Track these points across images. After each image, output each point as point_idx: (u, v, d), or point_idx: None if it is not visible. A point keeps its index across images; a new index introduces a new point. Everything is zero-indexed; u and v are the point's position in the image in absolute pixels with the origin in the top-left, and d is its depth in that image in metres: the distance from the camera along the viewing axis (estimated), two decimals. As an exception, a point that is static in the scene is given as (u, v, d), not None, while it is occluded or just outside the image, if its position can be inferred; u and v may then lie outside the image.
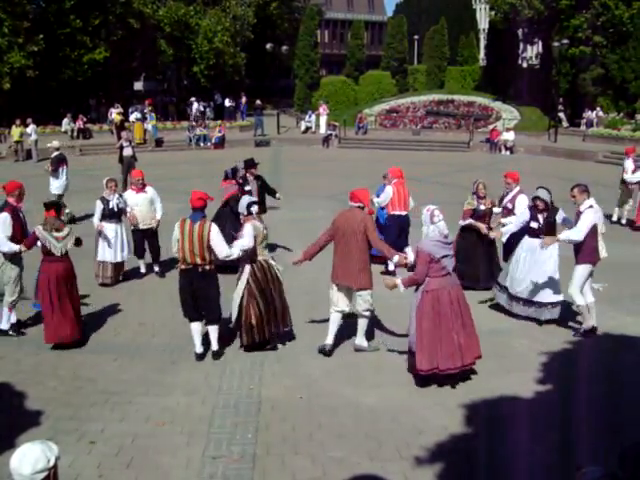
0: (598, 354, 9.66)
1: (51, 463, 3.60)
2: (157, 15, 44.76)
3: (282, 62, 53.70)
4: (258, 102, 40.65)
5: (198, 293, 9.06)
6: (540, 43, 50.91)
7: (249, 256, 9.11)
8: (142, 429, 7.35)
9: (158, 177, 14.62)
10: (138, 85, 57.72)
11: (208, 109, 44.99)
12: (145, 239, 13.04)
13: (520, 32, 48.47)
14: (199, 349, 9.27)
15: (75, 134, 36.95)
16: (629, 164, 18.43)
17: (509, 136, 36.33)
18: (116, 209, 12.46)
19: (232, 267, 10.13)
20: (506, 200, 12.12)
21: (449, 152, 35.52)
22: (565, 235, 9.90)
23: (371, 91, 51.02)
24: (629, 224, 18.00)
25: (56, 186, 17.85)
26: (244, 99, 45.84)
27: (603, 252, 10.13)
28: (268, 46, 43.99)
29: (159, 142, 36.18)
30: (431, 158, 32.42)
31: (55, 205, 9.87)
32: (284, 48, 43.82)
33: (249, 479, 6.47)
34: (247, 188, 13.61)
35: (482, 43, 70.57)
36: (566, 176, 26.86)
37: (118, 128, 32.67)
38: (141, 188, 13.05)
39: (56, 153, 18.28)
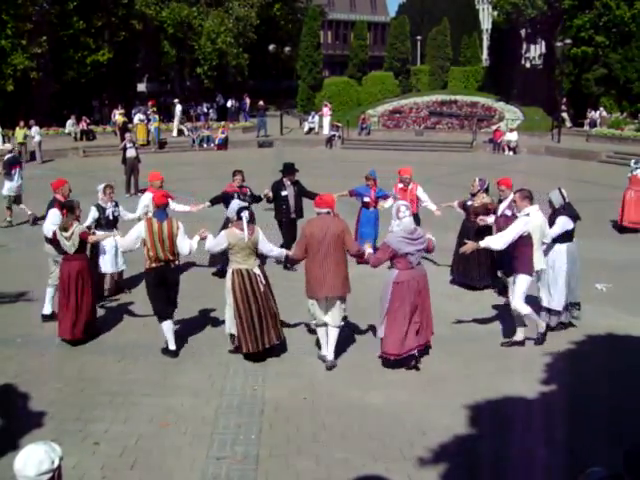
0: (602, 354, 9.65)
1: (55, 464, 3.60)
2: (160, 16, 44.81)
3: (285, 63, 53.79)
4: (261, 103, 40.66)
5: (171, 287, 9.36)
6: (543, 43, 50.91)
7: (230, 262, 9.11)
8: (146, 430, 7.36)
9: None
10: (141, 86, 57.78)
11: (211, 110, 45.05)
12: None
13: (523, 32, 48.46)
14: (173, 346, 9.39)
15: (78, 136, 37.00)
16: None
17: (512, 136, 36.33)
18: (111, 217, 11.95)
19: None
20: (503, 207, 11.80)
21: (452, 152, 35.52)
22: (486, 242, 9.53)
23: (374, 92, 51.07)
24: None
25: (7, 187, 18.21)
26: (247, 100, 45.86)
27: (539, 264, 9.78)
28: (271, 47, 44.05)
29: (162, 143, 36.21)
30: (434, 158, 32.41)
31: (66, 205, 10.24)
32: (287, 49, 43.95)
33: (253, 480, 6.48)
34: (283, 193, 13.70)
35: (485, 43, 70.59)
36: (570, 176, 26.84)
37: (121, 129, 32.70)
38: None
39: (9, 156, 18.84)
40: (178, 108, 39.17)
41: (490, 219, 11.30)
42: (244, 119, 44.95)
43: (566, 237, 10.30)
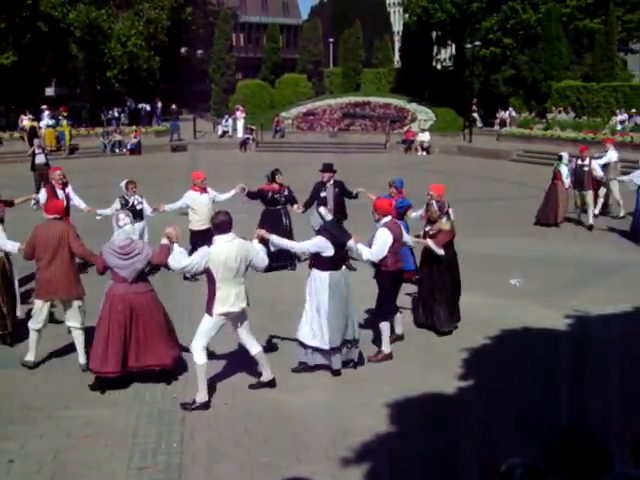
0: (517, 347, 9.89)
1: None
2: (67, 19, 43.69)
3: (197, 66, 53.31)
4: (174, 107, 40.18)
5: None
6: (453, 45, 51.87)
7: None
8: (64, 444, 7.15)
9: (74, 186, 14.25)
10: (50, 91, 56.33)
11: (123, 115, 44.28)
12: (203, 240, 12.79)
13: (434, 35, 49.29)
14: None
15: (-17, 142, 35.81)
16: None
17: (425, 137, 36.96)
18: (135, 209, 12.85)
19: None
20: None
21: (366, 154, 35.83)
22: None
23: (287, 94, 51.06)
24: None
25: None
26: (159, 104, 45.27)
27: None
28: (183, 50, 43.64)
29: (74, 149, 35.38)
30: (349, 160, 32.53)
31: None
32: (199, 52, 43.55)
33: (176, 489, 6.38)
34: (322, 194, 13.53)
35: (397, 45, 71.44)
36: (482, 175, 27.51)
37: (30, 135, 31.80)
38: (204, 189, 13.40)
39: None
40: (46, 114, 37.33)
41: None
42: (156, 123, 44.34)
43: (329, 264, 8.67)
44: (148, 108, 45.09)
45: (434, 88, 45.41)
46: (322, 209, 9.33)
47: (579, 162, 17.73)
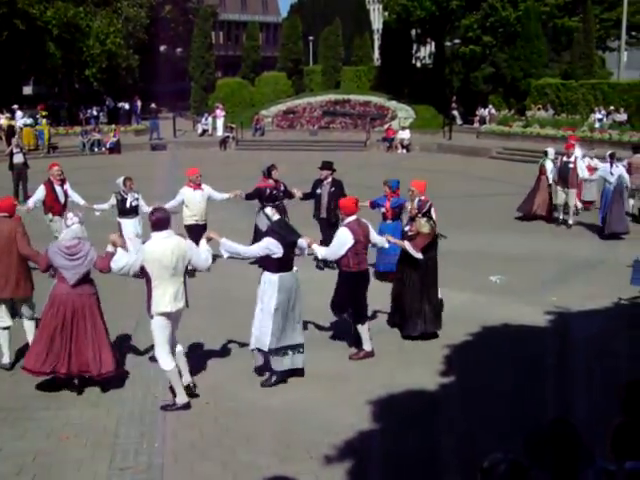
0: (497, 344, 9.93)
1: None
2: (45, 16, 43.32)
3: (177, 64, 53.02)
4: (153, 105, 39.97)
5: None
6: (433, 43, 51.97)
7: None
8: (44, 445, 7.09)
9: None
10: (28, 89, 55.92)
11: (102, 113, 44.02)
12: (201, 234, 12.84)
13: (413, 32, 49.36)
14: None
15: (-39, 142, 35.43)
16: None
17: (405, 135, 37.04)
18: (130, 206, 13.19)
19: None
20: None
21: (347, 152, 35.79)
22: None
23: (267, 92, 50.92)
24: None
25: None
26: (139, 102, 45.02)
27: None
28: (162, 48, 43.38)
29: (53, 148, 35.10)
30: (329, 158, 32.31)
31: None
32: (178, 50, 43.31)
33: (157, 489, 6.35)
34: (318, 191, 13.63)
35: (376, 43, 71.50)
36: (462, 172, 27.59)
37: (7, 134, 31.52)
38: (198, 185, 13.57)
39: None
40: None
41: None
42: (136, 122, 44.12)
43: (279, 265, 8.37)
44: (127, 107, 44.88)
45: (414, 86, 45.48)
46: (268, 209, 8.96)
47: (564, 159, 17.52)
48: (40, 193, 13.43)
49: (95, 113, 43.19)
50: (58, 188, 13.59)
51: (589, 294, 11.94)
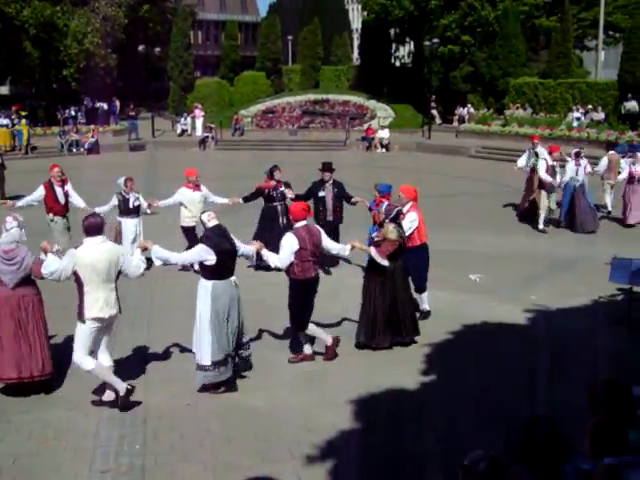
0: (477, 342, 9.98)
1: None
2: (21, 16, 42.92)
3: (155, 64, 52.77)
4: (132, 105, 39.75)
5: None
6: (412, 43, 52.07)
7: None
8: (24, 448, 7.04)
9: (32, 186, 13.93)
10: (4, 89, 55.44)
11: (80, 113, 43.70)
12: (195, 235, 12.89)
13: (392, 32, 49.45)
14: None
15: (-64, 143, 35.01)
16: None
17: (384, 134, 37.10)
18: (132, 206, 13.29)
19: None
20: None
21: (326, 151, 35.67)
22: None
23: (246, 92, 50.85)
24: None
25: None
26: (117, 102, 44.75)
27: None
28: (140, 48, 43.14)
29: (32, 148, 34.81)
30: (308, 158, 32.49)
31: None
32: (157, 50, 43.11)
33: (138, 491, 6.33)
34: (321, 194, 13.53)
35: (355, 43, 71.60)
36: (442, 171, 27.69)
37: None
38: (197, 186, 13.68)
39: None
40: None
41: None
42: (114, 122, 43.84)
43: (213, 272, 8.19)
44: (105, 107, 44.57)
45: (393, 85, 45.59)
46: (204, 215, 8.52)
47: (550, 163, 17.15)
48: (37, 193, 13.39)
49: (73, 113, 42.83)
50: (58, 189, 13.51)
51: (568, 292, 12.03)
